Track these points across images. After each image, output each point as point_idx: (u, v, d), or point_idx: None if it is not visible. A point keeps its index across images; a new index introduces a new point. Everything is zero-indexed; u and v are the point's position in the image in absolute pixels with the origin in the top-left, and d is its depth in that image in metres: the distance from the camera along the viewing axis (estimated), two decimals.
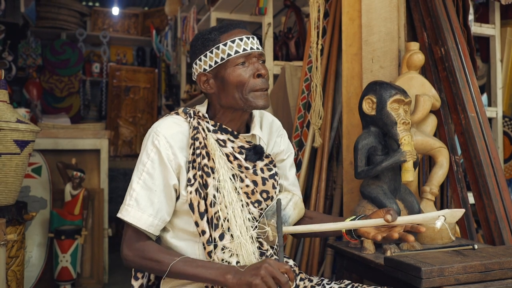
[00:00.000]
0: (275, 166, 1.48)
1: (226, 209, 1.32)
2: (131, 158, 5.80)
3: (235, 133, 1.41)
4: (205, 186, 1.32)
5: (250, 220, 1.37)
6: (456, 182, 1.95)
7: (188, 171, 1.34)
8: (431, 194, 1.84)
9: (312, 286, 1.45)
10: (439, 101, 1.96)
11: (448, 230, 1.22)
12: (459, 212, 1.21)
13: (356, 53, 2.17)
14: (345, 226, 1.35)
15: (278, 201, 1.36)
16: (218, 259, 1.31)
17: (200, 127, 1.37)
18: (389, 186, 1.70)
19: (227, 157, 1.38)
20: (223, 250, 1.30)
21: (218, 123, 1.41)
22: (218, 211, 1.31)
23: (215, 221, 1.31)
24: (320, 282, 1.46)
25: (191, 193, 1.32)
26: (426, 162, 2.05)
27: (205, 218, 1.31)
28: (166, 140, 1.34)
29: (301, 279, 1.49)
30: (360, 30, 2.14)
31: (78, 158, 3.43)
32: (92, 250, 3.47)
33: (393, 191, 1.71)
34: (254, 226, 1.37)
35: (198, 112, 1.41)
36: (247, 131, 1.48)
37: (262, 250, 1.40)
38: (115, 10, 6.17)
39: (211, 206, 1.31)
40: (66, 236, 3.13)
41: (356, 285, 1.41)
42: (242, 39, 1.36)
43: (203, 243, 1.31)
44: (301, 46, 3.01)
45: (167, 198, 1.34)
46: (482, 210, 1.88)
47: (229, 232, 1.31)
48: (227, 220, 1.31)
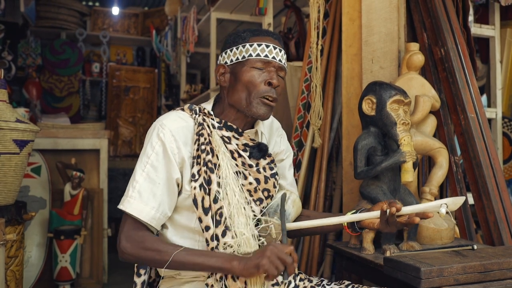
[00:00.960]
0: (276, 166, 1.49)
1: (229, 206, 1.32)
2: (131, 158, 5.80)
3: (240, 130, 1.42)
4: (208, 182, 1.32)
5: (252, 217, 1.37)
6: (455, 182, 1.95)
7: (192, 167, 1.34)
8: (431, 194, 1.84)
9: (311, 287, 1.45)
10: (439, 101, 1.96)
11: (451, 215, 1.24)
12: (461, 199, 1.22)
13: (356, 53, 2.17)
14: (349, 219, 1.35)
15: (283, 194, 1.38)
16: None
17: (205, 124, 1.38)
18: (388, 186, 1.70)
19: (232, 154, 1.39)
20: (225, 247, 1.30)
21: (223, 120, 1.42)
22: (221, 208, 1.31)
23: (218, 217, 1.31)
24: (319, 282, 1.46)
25: (195, 188, 1.31)
26: (425, 163, 2.05)
27: (209, 214, 1.31)
28: (171, 133, 1.34)
29: (300, 280, 1.49)
30: (360, 31, 2.14)
31: (78, 158, 3.43)
32: (91, 250, 3.47)
33: (392, 192, 1.71)
34: (256, 223, 1.38)
35: (204, 109, 1.42)
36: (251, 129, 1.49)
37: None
38: (115, 10, 6.17)
39: (214, 202, 1.31)
40: (66, 236, 3.13)
41: (355, 285, 1.41)
42: (268, 46, 1.38)
43: (206, 239, 1.30)
44: (301, 47, 3.01)
45: (170, 192, 1.34)
46: (481, 211, 1.88)
47: (231, 229, 1.31)
48: (230, 217, 1.31)
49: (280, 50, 1.40)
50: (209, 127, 1.38)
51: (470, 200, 1.99)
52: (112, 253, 3.71)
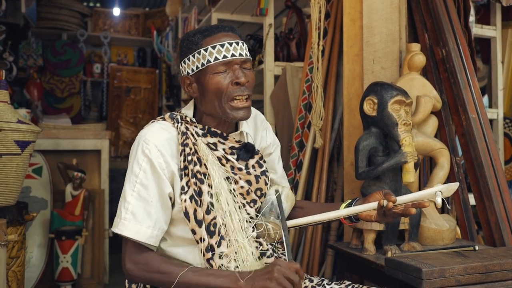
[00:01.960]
0: (265, 162, 1.46)
1: (223, 214, 1.30)
2: None
3: (224, 134, 1.39)
4: (199, 193, 1.30)
5: (247, 221, 1.35)
6: None
7: (181, 179, 1.31)
8: None
9: (312, 287, 1.45)
10: (440, 102, 1.96)
11: (446, 203, 1.25)
12: (454, 185, 1.22)
13: (357, 54, 2.17)
14: (346, 213, 1.34)
15: (278, 195, 1.36)
16: (216, 265, 1.29)
17: (189, 132, 1.34)
18: (390, 187, 1.70)
19: (219, 160, 1.36)
20: (221, 256, 1.28)
21: (206, 127, 1.38)
22: (215, 218, 1.29)
23: (212, 228, 1.29)
24: (320, 282, 1.46)
25: (186, 201, 1.29)
26: (427, 163, 2.05)
27: (203, 226, 1.29)
28: (157, 148, 1.30)
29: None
30: (361, 31, 2.14)
31: (79, 159, 3.43)
32: (92, 251, 3.47)
33: (394, 192, 1.70)
34: (252, 226, 1.36)
35: (186, 116, 1.38)
36: (236, 130, 1.46)
37: (262, 251, 1.39)
38: (116, 11, 6.17)
39: (207, 214, 1.29)
40: (67, 236, 3.13)
41: (356, 286, 1.40)
42: (223, 45, 1.31)
43: (202, 250, 1.29)
44: (302, 47, 3.01)
45: (164, 208, 1.31)
46: (483, 212, 1.88)
47: (226, 238, 1.29)
48: (224, 225, 1.29)
49: (237, 43, 1.32)
50: (193, 136, 1.34)
51: (472, 201, 1.99)
52: (113, 253, 3.70)
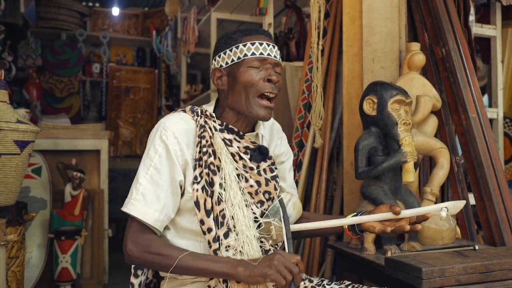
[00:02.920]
0: (276, 168, 1.49)
1: (232, 207, 1.32)
2: (131, 158, 5.79)
3: (241, 133, 1.42)
4: (211, 184, 1.33)
5: (253, 219, 1.37)
6: (456, 183, 1.94)
7: (194, 169, 1.34)
8: (432, 194, 1.84)
9: (312, 287, 1.45)
10: (440, 101, 1.95)
11: (450, 219, 1.26)
12: (461, 203, 1.23)
13: (356, 53, 2.17)
14: (350, 221, 1.36)
15: (281, 198, 1.38)
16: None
17: (207, 126, 1.38)
18: (389, 186, 1.70)
19: (233, 156, 1.39)
20: (227, 249, 1.30)
21: (224, 123, 1.42)
22: (224, 209, 1.31)
23: (220, 219, 1.31)
24: (320, 282, 1.46)
25: (197, 190, 1.32)
26: (426, 163, 2.05)
27: (211, 216, 1.31)
28: (174, 135, 1.35)
29: (301, 279, 1.48)
30: (361, 31, 2.14)
31: (78, 159, 3.42)
32: (92, 251, 3.47)
33: (393, 192, 1.70)
34: (257, 225, 1.38)
35: (205, 111, 1.42)
36: (253, 131, 1.49)
37: (265, 249, 1.40)
38: (115, 11, 6.17)
39: (217, 204, 1.31)
40: (66, 236, 3.13)
41: (356, 286, 1.41)
42: (262, 44, 1.38)
43: (209, 241, 1.30)
44: (301, 47, 3.01)
45: (173, 194, 1.34)
46: (483, 211, 1.88)
47: (234, 230, 1.31)
48: (232, 218, 1.32)
49: (273, 47, 1.41)
50: (210, 130, 1.38)
51: (472, 200, 1.99)
52: (112, 253, 3.70)
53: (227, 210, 1.31)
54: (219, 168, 1.34)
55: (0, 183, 2.27)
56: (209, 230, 1.31)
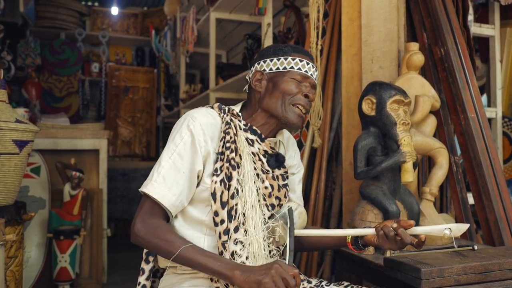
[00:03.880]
0: (288, 178, 1.53)
1: (245, 204, 1.35)
2: (130, 158, 5.79)
3: (263, 136, 1.46)
4: (229, 178, 1.36)
5: (263, 220, 1.39)
6: (455, 182, 1.94)
7: (216, 162, 1.38)
8: (431, 194, 1.84)
9: None
10: (439, 101, 1.95)
11: (453, 240, 1.29)
12: (465, 226, 1.26)
13: (355, 53, 2.17)
14: (353, 232, 1.38)
15: (290, 208, 1.41)
16: (229, 250, 1.32)
17: (232, 124, 1.43)
18: (388, 186, 1.70)
19: (253, 156, 1.43)
20: (236, 242, 1.32)
21: (249, 124, 1.47)
22: (237, 204, 1.34)
23: (233, 212, 1.34)
24: (319, 283, 1.46)
25: (216, 182, 1.35)
26: (425, 163, 2.05)
27: (226, 208, 1.34)
28: (201, 126, 1.39)
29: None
30: (359, 31, 2.14)
31: (77, 158, 3.42)
32: (91, 250, 3.46)
33: (392, 192, 1.70)
34: (266, 225, 1.40)
35: (232, 110, 1.47)
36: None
37: (268, 250, 1.41)
38: (114, 10, 6.16)
39: (232, 198, 1.34)
40: (65, 236, 3.12)
41: (355, 286, 1.41)
42: (308, 64, 1.47)
43: (220, 233, 1.33)
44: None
45: (190, 183, 1.37)
46: (481, 211, 1.88)
47: (244, 225, 1.34)
48: (244, 214, 1.34)
49: (315, 70, 1.50)
50: (235, 128, 1.43)
51: (471, 200, 1.99)
52: (111, 253, 3.70)
53: (240, 206, 1.35)
54: (239, 164, 1.38)
55: None
56: (221, 222, 1.33)
